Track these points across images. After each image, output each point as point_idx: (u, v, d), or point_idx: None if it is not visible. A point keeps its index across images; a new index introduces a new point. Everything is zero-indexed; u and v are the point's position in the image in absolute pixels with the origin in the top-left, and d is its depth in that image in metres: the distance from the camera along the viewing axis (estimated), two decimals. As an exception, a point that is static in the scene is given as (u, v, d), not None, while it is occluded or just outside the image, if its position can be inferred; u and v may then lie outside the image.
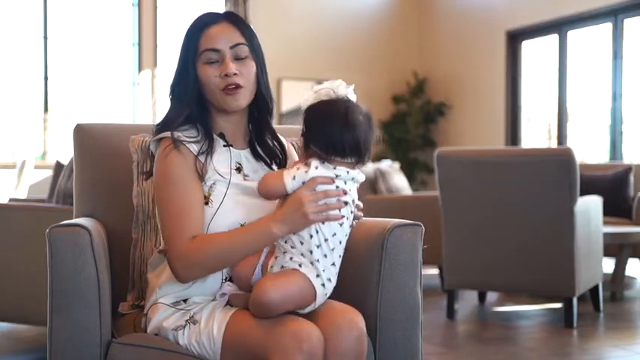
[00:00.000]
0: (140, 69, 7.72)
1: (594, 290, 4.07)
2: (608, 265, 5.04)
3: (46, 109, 7.39)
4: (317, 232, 1.54)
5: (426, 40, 8.83)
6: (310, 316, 1.56)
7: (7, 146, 7.40)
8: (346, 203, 1.56)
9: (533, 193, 3.71)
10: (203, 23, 1.69)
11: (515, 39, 7.76)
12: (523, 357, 3.24)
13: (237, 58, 1.68)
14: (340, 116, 1.54)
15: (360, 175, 1.58)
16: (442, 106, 8.51)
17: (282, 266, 1.55)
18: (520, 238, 3.76)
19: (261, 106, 1.74)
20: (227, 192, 1.63)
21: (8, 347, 3.36)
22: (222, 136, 1.72)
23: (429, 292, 4.75)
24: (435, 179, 4.06)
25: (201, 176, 1.63)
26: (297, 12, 8.28)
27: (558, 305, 4.26)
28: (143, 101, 7.74)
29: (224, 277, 1.63)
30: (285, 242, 1.56)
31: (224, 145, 1.70)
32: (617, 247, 4.42)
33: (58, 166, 4.03)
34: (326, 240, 1.54)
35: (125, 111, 7.73)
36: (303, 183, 1.54)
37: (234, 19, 1.72)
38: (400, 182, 5.66)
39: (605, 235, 4.10)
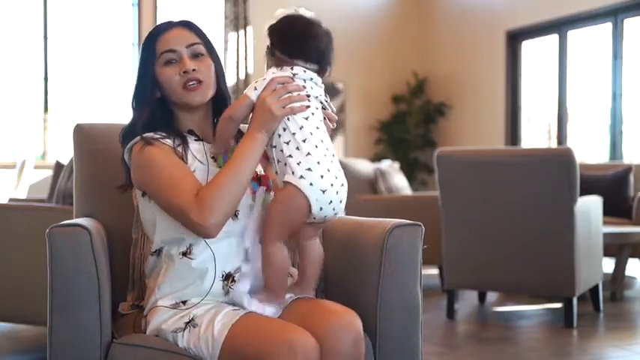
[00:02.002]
0: (140, 69, 7.71)
1: (594, 290, 4.07)
2: (608, 265, 5.04)
3: (46, 109, 7.39)
4: (284, 129, 1.59)
5: (426, 40, 8.82)
6: (307, 318, 1.56)
7: (7, 146, 7.40)
8: (309, 98, 1.62)
9: (533, 193, 3.71)
10: (158, 30, 1.77)
11: (515, 39, 7.76)
12: (523, 357, 3.24)
13: (195, 57, 1.73)
14: (301, 23, 1.68)
15: (318, 78, 1.66)
16: (442, 106, 8.51)
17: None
18: (520, 238, 3.76)
19: (220, 102, 1.78)
20: (208, 178, 1.63)
21: (8, 347, 3.36)
22: (191, 132, 1.75)
23: (429, 292, 4.75)
24: (435, 179, 4.06)
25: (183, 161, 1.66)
26: (297, 12, 8.28)
27: (558, 305, 4.26)
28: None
29: (221, 275, 1.63)
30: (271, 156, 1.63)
31: (195, 140, 1.74)
32: (617, 247, 4.42)
33: (58, 166, 4.03)
34: (294, 134, 1.58)
35: (125, 111, 7.73)
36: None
37: (188, 23, 1.80)
38: (400, 182, 5.66)
39: (605, 235, 4.10)
